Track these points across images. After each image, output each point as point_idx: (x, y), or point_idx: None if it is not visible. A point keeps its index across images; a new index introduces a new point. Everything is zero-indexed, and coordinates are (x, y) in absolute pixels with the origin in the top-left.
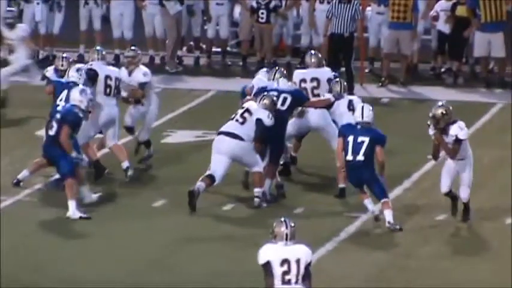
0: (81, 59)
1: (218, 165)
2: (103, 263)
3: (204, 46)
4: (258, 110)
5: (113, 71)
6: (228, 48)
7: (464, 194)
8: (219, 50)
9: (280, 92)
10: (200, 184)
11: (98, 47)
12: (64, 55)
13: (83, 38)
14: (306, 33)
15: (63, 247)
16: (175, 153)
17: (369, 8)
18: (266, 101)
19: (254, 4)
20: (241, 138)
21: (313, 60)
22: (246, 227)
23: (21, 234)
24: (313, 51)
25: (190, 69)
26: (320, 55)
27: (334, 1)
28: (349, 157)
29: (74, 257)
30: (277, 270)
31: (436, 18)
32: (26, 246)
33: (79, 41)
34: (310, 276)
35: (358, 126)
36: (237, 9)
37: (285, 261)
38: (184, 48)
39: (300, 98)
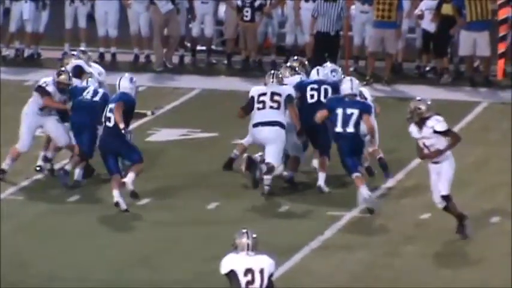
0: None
1: (270, 153)
2: (86, 260)
3: (188, 44)
4: (284, 88)
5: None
6: (213, 47)
7: (441, 188)
8: (203, 48)
9: (320, 83)
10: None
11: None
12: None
13: (68, 36)
14: (290, 32)
15: (46, 245)
16: (159, 151)
17: (353, 7)
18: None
19: (239, 2)
20: (280, 124)
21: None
22: (231, 226)
23: (4, 232)
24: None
25: (175, 67)
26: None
27: (319, 0)
28: (339, 129)
29: (57, 255)
30: (241, 280)
31: (420, 16)
32: (9, 244)
33: (64, 39)
34: (273, 287)
35: (346, 99)
36: (222, 8)
37: (248, 271)
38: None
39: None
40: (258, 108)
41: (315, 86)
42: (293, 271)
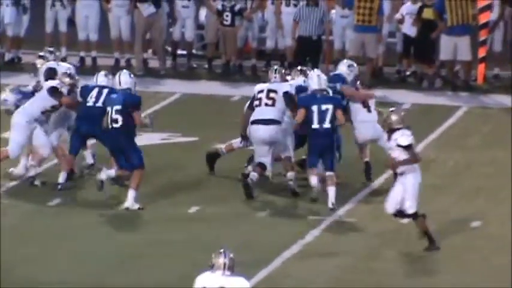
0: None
1: (262, 153)
2: (64, 264)
3: (169, 49)
4: (281, 85)
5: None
6: (194, 51)
7: (406, 205)
8: (184, 52)
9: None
10: (253, 174)
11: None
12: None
13: (48, 40)
14: (271, 36)
15: (25, 247)
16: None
17: (333, 11)
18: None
19: (219, 7)
20: (275, 122)
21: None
22: (211, 230)
23: None
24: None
25: (156, 71)
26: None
27: (301, 4)
28: (316, 125)
29: (36, 258)
30: None
31: (401, 21)
32: None
33: (45, 43)
34: None
35: (318, 95)
36: (203, 12)
37: None
38: (150, 51)
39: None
40: (256, 105)
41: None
42: (273, 275)
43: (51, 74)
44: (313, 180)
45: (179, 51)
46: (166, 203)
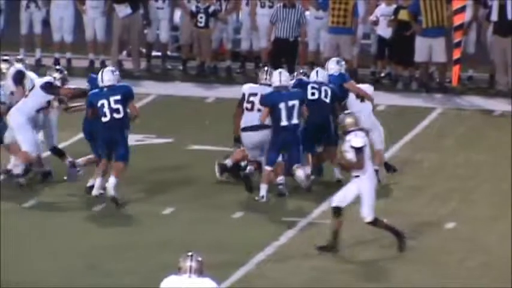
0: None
1: (255, 156)
2: (40, 265)
3: (144, 50)
4: (258, 88)
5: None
6: (168, 53)
7: (364, 213)
8: (159, 54)
9: (320, 84)
10: (250, 168)
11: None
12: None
13: (23, 42)
14: (246, 38)
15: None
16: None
17: (307, 13)
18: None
19: (193, 8)
20: (266, 126)
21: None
22: (185, 231)
23: None
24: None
25: (130, 73)
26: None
27: (278, 5)
28: (284, 122)
29: (11, 260)
30: None
31: (376, 23)
32: None
33: (19, 44)
34: None
35: (283, 92)
36: (178, 13)
37: None
38: (124, 53)
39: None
40: (247, 109)
41: (315, 85)
42: (248, 277)
43: (20, 77)
44: (263, 190)
45: (154, 53)
46: (141, 205)
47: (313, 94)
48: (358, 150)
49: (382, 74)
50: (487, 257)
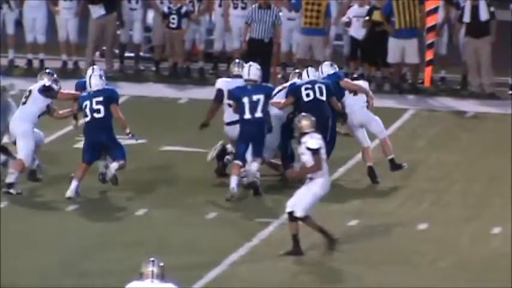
0: None
1: None
2: (13, 266)
3: (117, 51)
4: (233, 82)
5: None
6: (141, 53)
7: (299, 206)
8: (132, 55)
9: (313, 82)
10: (228, 158)
11: None
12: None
13: None
14: (218, 39)
15: None
16: None
17: (280, 14)
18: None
19: (165, 9)
20: (229, 123)
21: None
22: (158, 233)
23: None
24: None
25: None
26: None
27: (254, 6)
28: (247, 116)
29: None
30: None
31: (348, 24)
32: None
33: None
34: None
35: (248, 87)
36: (150, 15)
37: None
38: (97, 53)
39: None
40: (229, 105)
41: (309, 85)
42: (221, 277)
43: None
44: (233, 180)
45: (127, 54)
46: (115, 205)
47: (307, 95)
48: (315, 152)
49: (355, 75)
50: (459, 258)
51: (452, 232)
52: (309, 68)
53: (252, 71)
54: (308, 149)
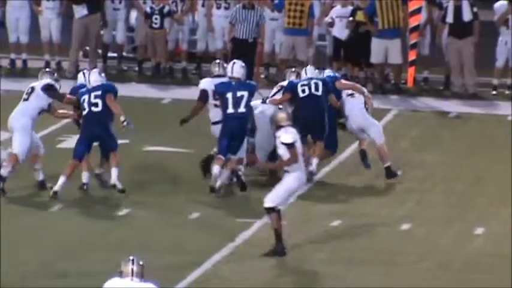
0: None
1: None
2: None
3: (100, 51)
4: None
5: None
6: (124, 53)
7: (267, 197)
8: (115, 55)
9: (309, 79)
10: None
11: None
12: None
13: None
14: (201, 39)
15: None
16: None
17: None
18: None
19: (148, 9)
20: (215, 123)
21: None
22: (141, 233)
23: None
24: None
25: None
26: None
27: (238, 6)
28: (231, 110)
29: None
30: None
31: (331, 24)
32: None
33: None
34: None
35: (233, 83)
36: (134, 15)
37: None
38: (80, 53)
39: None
40: (216, 105)
41: (305, 82)
42: (204, 278)
43: None
44: (216, 169)
45: (110, 54)
46: (97, 205)
47: (303, 91)
48: (290, 146)
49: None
50: (442, 258)
51: (435, 232)
52: (308, 67)
53: (235, 68)
54: (282, 143)
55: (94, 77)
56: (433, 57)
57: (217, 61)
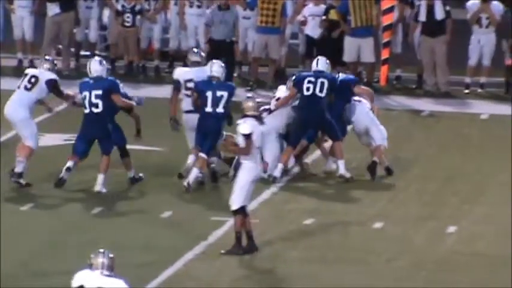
0: None
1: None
2: None
3: (73, 49)
4: (191, 73)
5: None
6: (97, 52)
7: (231, 200)
8: (88, 53)
9: (317, 76)
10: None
11: None
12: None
13: None
14: (174, 37)
15: None
16: (43, 156)
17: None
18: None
19: (119, 7)
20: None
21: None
22: (114, 232)
23: None
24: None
25: (59, 72)
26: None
27: (213, 7)
28: (209, 109)
29: None
30: None
31: (304, 23)
32: None
33: None
34: None
35: (213, 82)
36: (106, 13)
37: None
38: (53, 52)
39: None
40: (187, 95)
41: (312, 78)
42: (176, 276)
43: None
44: (190, 159)
45: (82, 52)
46: (70, 204)
47: (308, 89)
48: (246, 137)
49: None
50: (415, 257)
51: (408, 231)
52: (319, 58)
53: (214, 67)
54: (240, 132)
55: (94, 67)
56: (405, 55)
57: (195, 50)
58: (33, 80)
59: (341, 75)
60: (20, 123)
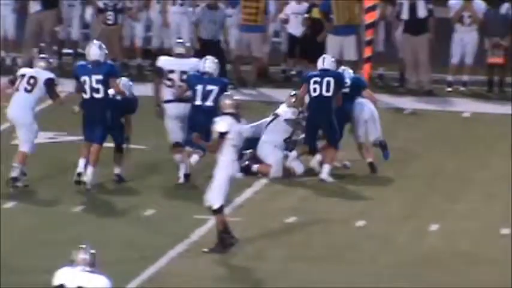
0: None
1: (176, 130)
2: None
3: (55, 47)
4: (174, 64)
5: None
6: (79, 50)
7: (209, 198)
8: (70, 51)
9: (323, 75)
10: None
11: None
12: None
13: None
14: (157, 35)
15: None
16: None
17: None
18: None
19: (101, 5)
20: (180, 100)
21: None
22: (96, 229)
23: None
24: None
25: None
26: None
27: (201, 6)
28: (198, 102)
29: None
30: None
31: (286, 21)
32: None
33: None
34: None
35: (205, 77)
36: (89, 11)
37: None
38: (35, 50)
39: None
40: (167, 85)
41: (318, 78)
42: (159, 274)
43: None
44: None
45: (65, 50)
46: (52, 202)
47: (314, 90)
48: (220, 134)
49: (293, 72)
50: (398, 255)
51: (390, 229)
52: (325, 56)
53: (207, 63)
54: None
55: (93, 51)
56: (387, 53)
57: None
58: (32, 81)
59: (352, 74)
60: (24, 127)
